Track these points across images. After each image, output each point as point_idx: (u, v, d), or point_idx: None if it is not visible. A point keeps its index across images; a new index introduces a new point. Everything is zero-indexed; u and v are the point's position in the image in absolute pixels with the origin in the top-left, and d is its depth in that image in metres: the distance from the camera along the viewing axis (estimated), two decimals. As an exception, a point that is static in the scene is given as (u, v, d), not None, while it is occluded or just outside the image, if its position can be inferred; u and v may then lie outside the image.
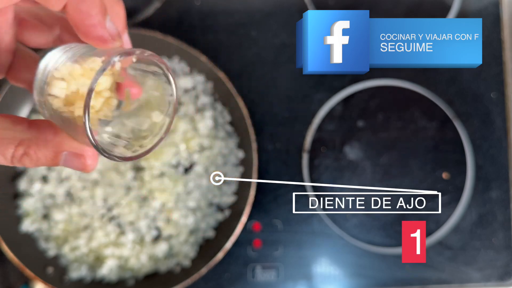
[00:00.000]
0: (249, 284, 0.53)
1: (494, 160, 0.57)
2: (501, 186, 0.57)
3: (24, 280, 0.51)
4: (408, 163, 0.56)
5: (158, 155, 0.50)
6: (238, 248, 0.53)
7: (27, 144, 0.20)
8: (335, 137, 0.56)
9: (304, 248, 0.54)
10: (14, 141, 0.20)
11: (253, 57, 0.56)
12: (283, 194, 0.54)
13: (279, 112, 0.56)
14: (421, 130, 0.57)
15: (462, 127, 0.57)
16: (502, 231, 0.56)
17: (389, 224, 0.55)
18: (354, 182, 0.56)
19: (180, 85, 0.53)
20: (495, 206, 0.56)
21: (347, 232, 0.55)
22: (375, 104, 0.57)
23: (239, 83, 0.55)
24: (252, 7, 0.57)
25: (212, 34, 0.56)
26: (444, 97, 0.57)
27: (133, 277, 0.51)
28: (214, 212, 0.53)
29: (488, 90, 0.58)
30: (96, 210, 0.51)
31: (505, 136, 0.58)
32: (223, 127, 0.53)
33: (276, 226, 0.54)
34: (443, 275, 0.55)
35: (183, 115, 0.52)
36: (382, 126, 0.57)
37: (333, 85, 0.57)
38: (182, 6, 0.56)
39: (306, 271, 0.54)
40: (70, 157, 0.21)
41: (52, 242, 0.51)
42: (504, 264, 0.56)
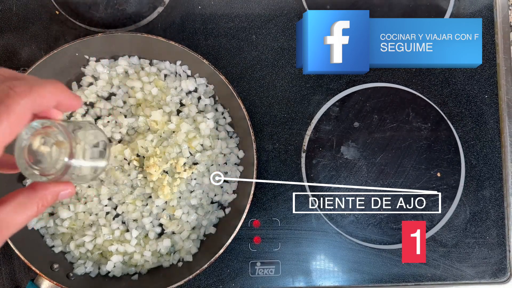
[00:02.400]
0: (249, 279, 0.52)
1: (487, 160, 0.56)
2: (494, 184, 0.56)
3: (31, 277, 0.50)
4: (403, 163, 0.56)
5: (161, 154, 0.51)
6: (239, 244, 0.53)
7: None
8: (333, 137, 0.56)
9: (302, 245, 0.54)
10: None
11: (253, 60, 0.56)
12: (282, 192, 0.54)
13: (278, 114, 0.55)
14: (416, 130, 0.56)
15: (456, 128, 0.57)
16: (495, 228, 0.56)
17: (385, 222, 0.55)
18: (351, 181, 0.55)
19: (183, 87, 0.53)
20: (489, 205, 0.56)
21: (344, 229, 0.54)
22: (371, 105, 0.56)
23: (240, 85, 0.55)
24: (252, 12, 0.56)
25: (213, 38, 0.55)
26: (439, 99, 0.57)
27: (137, 273, 0.51)
28: (216, 209, 0.52)
29: (481, 91, 0.57)
30: (101, 208, 0.50)
31: (498, 136, 0.57)
32: (224, 127, 0.53)
33: (275, 223, 0.55)
34: (438, 272, 0.54)
35: (185, 116, 0.52)
36: (378, 127, 0.56)
37: (331, 87, 0.56)
38: (185, 11, 0.56)
39: (304, 267, 0.53)
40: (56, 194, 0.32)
41: (58, 239, 0.50)
42: (497, 261, 0.55)
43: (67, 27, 0.55)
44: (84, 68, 0.53)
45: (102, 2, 0.55)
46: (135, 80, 0.52)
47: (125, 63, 0.53)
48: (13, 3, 0.55)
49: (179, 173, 0.50)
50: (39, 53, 0.54)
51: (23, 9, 0.55)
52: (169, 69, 0.53)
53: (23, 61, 0.54)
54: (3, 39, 0.54)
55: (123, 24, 0.55)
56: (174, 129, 0.51)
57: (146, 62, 0.53)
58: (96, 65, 0.52)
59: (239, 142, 0.53)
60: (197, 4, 0.56)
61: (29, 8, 0.55)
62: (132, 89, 0.52)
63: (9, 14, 0.54)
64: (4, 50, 0.54)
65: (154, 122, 0.51)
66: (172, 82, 0.53)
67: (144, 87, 0.52)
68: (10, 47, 0.54)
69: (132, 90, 0.52)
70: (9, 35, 0.54)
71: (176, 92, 0.53)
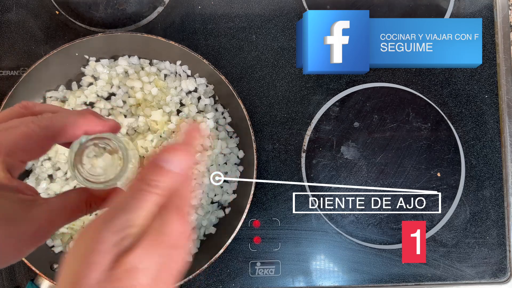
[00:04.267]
0: (249, 279, 0.52)
1: (487, 160, 0.56)
2: (495, 184, 0.56)
3: (31, 277, 0.50)
4: (403, 163, 0.56)
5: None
6: (239, 244, 0.53)
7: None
8: (333, 137, 0.56)
9: (303, 245, 0.53)
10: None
11: (253, 60, 0.56)
12: (282, 192, 0.54)
13: (278, 113, 0.55)
14: (416, 130, 0.56)
15: (456, 128, 0.57)
16: (495, 228, 0.56)
17: (385, 222, 0.55)
18: (351, 181, 0.55)
19: (183, 87, 0.53)
20: (489, 205, 0.56)
21: (344, 229, 0.54)
22: (371, 105, 0.56)
23: (240, 85, 0.55)
24: (252, 12, 0.56)
25: (213, 38, 0.55)
26: (439, 99, 0.57)
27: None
28: (216, 209, 0.52)
29: (481, 91, 0.57)
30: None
31: (498, 136, 0.57)
32: (224, 127, 0.53)
33: (275, 223, 0.54)
34: (438, 272, 0.54)
35: (185, 116, 0.52)
36: (378, 127, 0.56)
37: (331, 87, 0.56)
38: (185, 11, 0.56)
39: (304, 267, 0.53)
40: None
41: (58, 239, 0.50)
42: (497, 261, 0.55)
43: (67, 27, 0.55)
44: (84, 68, 0.53)
45: (102, 2, 0.55)
46: (135, 80, 0.52)
47: (125, 63, 0.53)
48: (13, 3, 0.55)
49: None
50: (39, 53, 0.54)
51: (23, 9, 0.55)
52: (169, 69, 0.53)
53: (23, 61, 0.54)
54: (3, 39, 0.54)
55: (123, 24, 0.55)
56: (174, 129, 0.51)
57: (146, 62, 0.53)
58: (96, 65, 0.52)
59: (239, 142, 0.53)
60: (197, 4, 0.56)
61: (29, 8, 0.55)
62: (132, 89, 0.52)
63: (9, 14, 0.54)
64: (4, 50, 0.54)
65: (154, 122, 0.51)
66: (172, 82, 0.53)
67: (144, 87, 0.52)
68: (10, 47, 0.54)
69: (132, 90, 0.52)
70: (9, 35, 0.54)
71: (176, 92, 0.53)
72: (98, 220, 0.24)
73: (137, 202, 0.25)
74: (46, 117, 0.30)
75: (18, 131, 0.29)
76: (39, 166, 0.51)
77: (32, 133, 0.29)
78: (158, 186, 0.26)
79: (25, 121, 0.29)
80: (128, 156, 0.34)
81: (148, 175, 0.26)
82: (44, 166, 0.51)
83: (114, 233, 0.23)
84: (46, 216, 0.29)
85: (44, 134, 0.29)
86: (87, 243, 0.23)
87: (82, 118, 0.31)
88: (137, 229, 0.24)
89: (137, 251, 0.23)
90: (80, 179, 0.33)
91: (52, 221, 0.30)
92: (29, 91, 0.49)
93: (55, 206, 0.30)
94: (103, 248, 0.22)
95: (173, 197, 0.26)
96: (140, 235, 0.24)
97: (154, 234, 0.24)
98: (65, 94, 0.52)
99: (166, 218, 0.25)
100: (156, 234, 0.24)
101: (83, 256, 0.23)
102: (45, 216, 0.29)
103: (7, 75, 0.54)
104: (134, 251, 0.23)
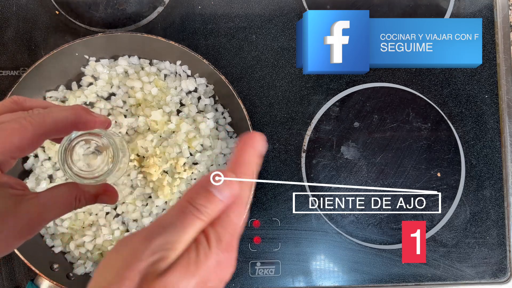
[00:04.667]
0: (249, 279, 0.52)
1: (487, 160, 0.56)
2: (495, 184, 0.56)
3: (31, 277, 0.50)
4: (403, 163, 0.56)
5: (161, 154, 0.52)
6: (239, 244, 0.54)
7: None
8: (333, 137, 0.55)
9: (303, 245, 0.53)
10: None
11: (253, 60, 0.56)
12: (282, 192, 0.54)
13: (278, 113, 0.55)
14: (416, 130, 0.56)
15: (456, 128, 0.57)
16: (495, 228, 0.56)
17: (385, 222, 0.55)
18: (351, 181, 0.55)
19: (182, 87, 0.53)
20: (489, 205, 0.56)
21: (344, 229, 0.54)
22: (371, 105, 0.56)
23: (240, 85, 0.55)
24: (252, 12, 0.56)
25: (213, 38, 0.55)
26: (439, 99, 0.57)
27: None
28: None
29: (481, 91, 0.57)
30: (101, 208, 0.50)
31: (498, 136, 0.57)
32: (224, 127, 0.53)
33: (275, 223, 0.54)
34: (438, 272, 0.54)
35: (185, 116, 0.52)
36: (377, 127, 0.56)
37: (331, 87, 0.56)
38: (185, 11, 0.56)
39: (304, 267, 0.53)
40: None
41: (58, 239, 0.50)
42: (497, 261, 0.55)
43: (67, 27, 0.55)
44: (84, 68, 0.53)
45: (102, 2, 0.55)
46: (135, 80, 0.52)
47: (125, 63, 0.53)
48: (13, 3, 0.55)
49: (179, 173, 0.50)
50: (39, 53, 0.54)
51: (23, 9, 0.55)
52: (169, 69, 0.54)
53: (23, 61, 0.54)
54: (3, 39, 0.54)
55: (123, 24, 0.55)
56: (174, 129, 0.51)
57: (146, 62, 0.53)
58: (96, 65, 0.52)
59: (239, 142, 0.53)
60: (197, 4, 0.56)
61: (29, 8, 0.55)
62: (132, 89, 0.52)
63: (9, 14, 0.54)
64: (4, 50, 0.54)
65: (154, 122, 0.51)
66: (172, 82, 0.53)
67: (144, 87, 0.52)
68: (10, 47, 0.54)
69: (132, 90, 0.52)
70: (9, 35, 0.54)
71: (176, 92, 0.53)
72: (141, 235, 0.24)
73: (181, 225, 0.24)
74: (38, 113, 0.30)
75: (10, 128, 0.29)
76: (39, 166, 0.51)
77: (24, 130, 0.29)
78: (206, 213, 0.25)
79: (17, 118, 0.29)
80: (118, 152, 0.34)
81: (197, 199, 0.25)
82: (44, 166, 0.51)
83: (153, 252, 0.23)
84: (36, 210, 0.29)
85: (36, 131, 0.29)
86: (125, 257, 0.23)
87: (73, 114, 0.31)
88: (175, 254, 0.23)
89: (168, 276, 0.22)
90: (70, 174, 0.33)
91: (42, 215, 0.30)
92: (29, 91, 0.49)
93: (45, 200, 0.30)
94: (139, 266, 0.22)
95: (215, 226, 0.25)
96: (175, 259, 0.23)
97: (187, 263, 0.23)
98: (65, 94, 0.52)
99: (202, 252, 0.24)
100: (188, 264, 0.23)
101: (119, 269, 0.22)
102: (35, 210, 0.29)
103: (7, 75, 0.54)
104: (165, 276, 0.22)
